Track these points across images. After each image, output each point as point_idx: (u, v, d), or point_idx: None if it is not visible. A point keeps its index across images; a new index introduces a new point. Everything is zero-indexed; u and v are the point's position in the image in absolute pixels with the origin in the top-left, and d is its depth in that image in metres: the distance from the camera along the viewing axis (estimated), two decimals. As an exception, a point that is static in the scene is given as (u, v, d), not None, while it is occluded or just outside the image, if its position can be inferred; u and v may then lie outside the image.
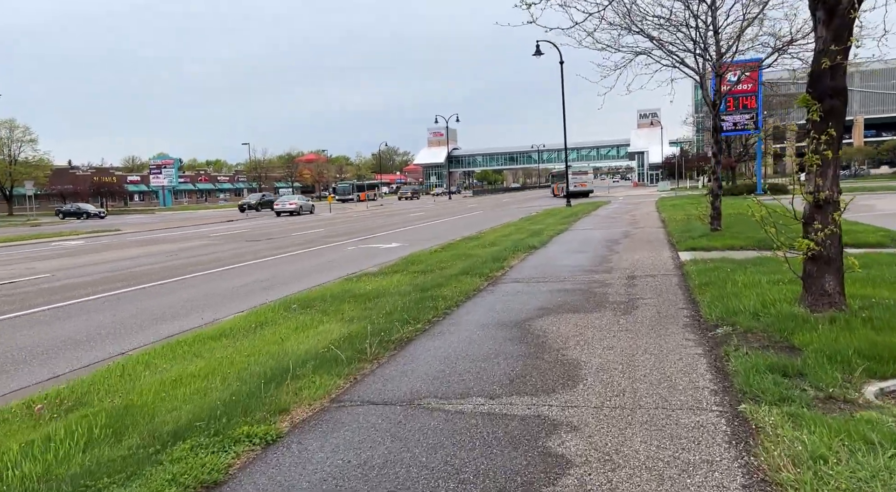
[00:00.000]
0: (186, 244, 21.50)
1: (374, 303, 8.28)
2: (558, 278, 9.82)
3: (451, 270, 10.96)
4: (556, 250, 13.77)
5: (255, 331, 7.10)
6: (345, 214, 44.05)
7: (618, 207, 32.77)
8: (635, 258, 11.66)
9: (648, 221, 21.49)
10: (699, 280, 8.29)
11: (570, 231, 18.90)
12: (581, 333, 6.25)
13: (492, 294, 8.79)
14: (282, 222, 36.12)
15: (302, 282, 11.71)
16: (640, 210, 28.72)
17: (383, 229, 25.62)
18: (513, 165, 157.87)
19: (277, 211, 50.94)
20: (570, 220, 23.29)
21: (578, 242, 15.24)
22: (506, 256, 12.72)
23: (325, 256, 16.34)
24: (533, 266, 11.41)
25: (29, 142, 69.91)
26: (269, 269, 13.92)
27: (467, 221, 29.72)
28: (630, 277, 9.48)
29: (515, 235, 18.13)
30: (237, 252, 17.96)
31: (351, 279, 10.85)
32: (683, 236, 14.01)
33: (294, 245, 19.64)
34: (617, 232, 17.61)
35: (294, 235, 24.53)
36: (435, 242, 18.17)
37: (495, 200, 62.75)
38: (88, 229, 33.06)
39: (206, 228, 32.14)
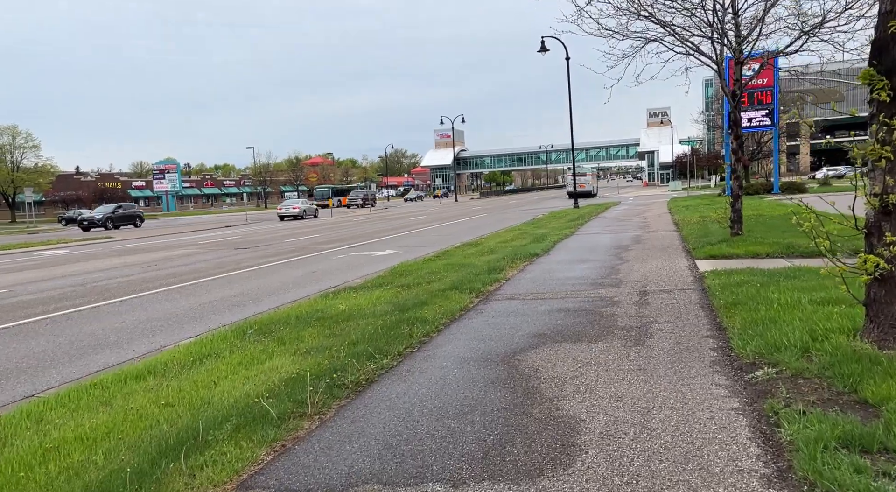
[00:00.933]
0: (171, 253, 20.40)
1: (343, 328, 7.08)
2: (559, 294, 8.57)
3: (439, 284, 9.74)
4: (560, 259, 12.51)
5: (191, 367, 5.91)
6: (346, 219, 42.98)
7: (627, 209, 31.43)
8: (647, 269, 10.39)
9: (660, 223, 20.17)
10: (724, 298, 7.02)
11: (576, 236, 17.62)
12: (582, 373, 5.01)
13: (480, 315, 7.55)
14: (281, 228, 35.04)
15: (276, 298, 10.53)
16: (652, 212, 27.38)
17: (381, 235, 24.43)
18: (521, 166, 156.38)
19: (281, 215, 49.98)
20: (577, 223, 22.00)
21: (584, 249, 13.97)
22: (503, 267, 11.49)
23: (312, 265, 15.16)
24: (532, 279, 10.16)
25: (31, 148, 69.47)
26: (247, 282, 12.74)
27: (470, 225, 28.48)
28: (641, 293, 8.22)
29: (517, 240, 16.88)
30: (220, 262, 16.82)
31: (328, 295, 9.65)
32: (700, 242, 12.71)
33: (283, 253, 18.49)
34: (626, 237, 16.31)
35: (287, 241, 23.39)
36: (431, 249, 16.98)
37: (502, 202, 61.48)
38: (79, 237, 32.12)
39: (201, 235, 31.08)
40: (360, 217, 44.22)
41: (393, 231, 26.38)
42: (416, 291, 9.30)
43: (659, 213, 25.86)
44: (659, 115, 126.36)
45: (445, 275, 10.94)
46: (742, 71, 11.64)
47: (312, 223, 38.74)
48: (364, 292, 9.62)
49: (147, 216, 75.05)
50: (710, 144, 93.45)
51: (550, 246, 14.90)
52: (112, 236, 31.32)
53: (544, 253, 13.61)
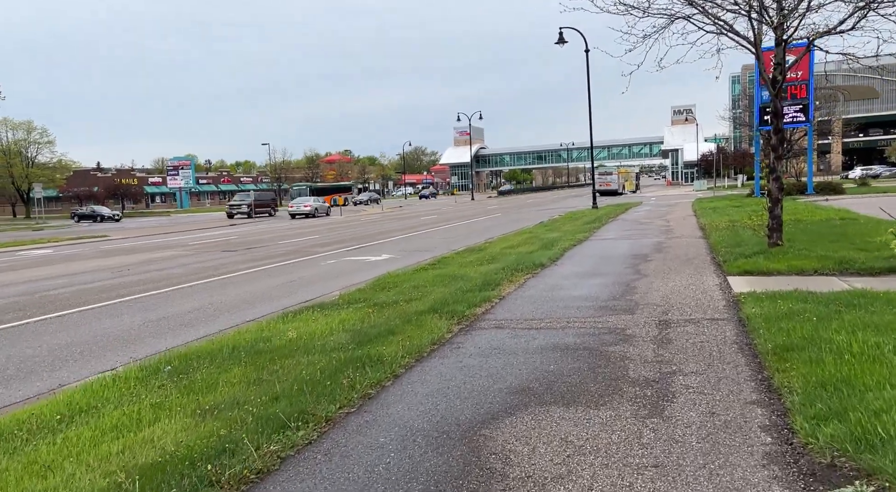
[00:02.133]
0: (154, 255, 19.08)
1: (277, 369, 5.54)
2: (559, 322, 6.94)
3: (419, 304, 8.17)
4: (567, 272, 10.85)
5: (47, 433, 4.41)
6: (354, 219, 41.63)
7: (649, 211, 29.55)
8: (669, 287, 8.69)
9: (685, 228, 18.35)
10: (772, 339, 5.33)
11: (591, 241, 15.90)
12: (571, 469, 3.40)
13: (455, 354, 5.95)
14: (285, 227, 33.72)
15: (233, 316, 9.05)
16: (675, 214, 25.49)
17: (384, 236, 22.92)
18: (541, 164, 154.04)
19: (292, 213, 48.87)
20: (593, 226, 20.26)
21: (597, 259, 12.28)
22: (500, 281, 9.88)
23: (296, 272, 13.68)
24: (530, 298, 8.53)
25: (46, 144, 69.20)
26: (214, 293, 11.28)
27: (481, 226, 26.85)
28: (661, 324, 6.55)
29: (524, 246, 15.23)
30: (200, 267, 15.42)
31: (286, 316, 8.12)
32: (732, 253, 10.96)
33: (272, 257, 17.05)
34: (647, 243, 14.57)
35: (282, 243, 21.98)
36: (430, 255, 15.45)
37: (519, 201, 59.69)
38: (76, 235, 31.09)
39: (199, 234, 29.85)
40: (371, 216, 42.81)
41: (399, 232, 24.86)
42: (388, 314, 7.73)
43: (683, 215, 23.98)
44: (683, 113, 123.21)
45: (431, 290, 9.37)
46: (784, 53, 9.86)
47: (320, 222, 37.43)
48: (330, 313, 8.08)
49: (160, 213, 74.57)
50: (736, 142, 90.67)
51: (559, 254, 13.23)
52: (108, 235, 30.23)
53: (551, 263, 11.95)
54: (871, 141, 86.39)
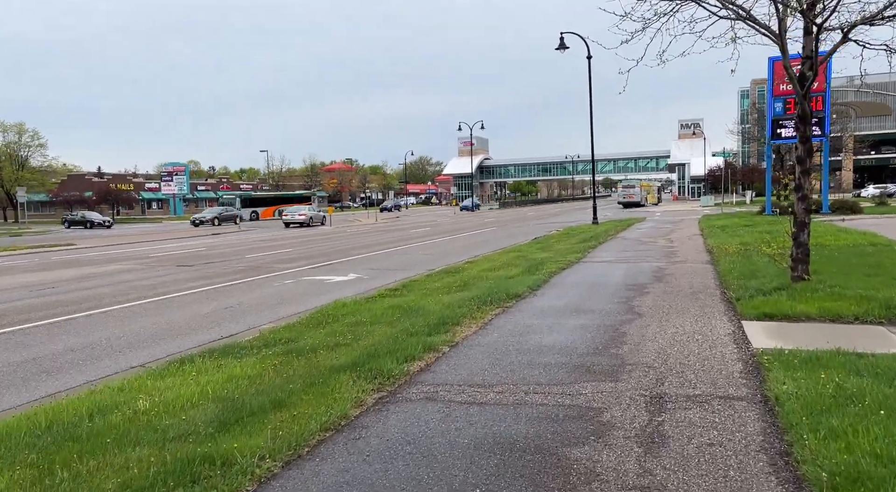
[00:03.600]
0: (102, 269, 17.25)
1: (64, 477, 3.67)
2: (514, 392, 5.04)
3: (345, 353, 6.33)
4: (546, 306, 8.93)
5: None
6: (341, 231, 39.88)
7: (652, 228, 27.60)
8: (668, 335, 6.78)
9: (690, 250, 16.41)
10: (824, 455, 3.42)
11: (583, 264, 13.99)
12: None
13: (349, 450, 4.05)
14: (267, 238, 31.91)
15: (118, 358, 7.23)
16: (681, 232, 23.53)
17: (363, 251, 21.06)
18: (546, 176, 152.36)
19: (286, 222, 47.25)
20: (589, 246, 18.34)
21: (585, 289, 10.36)
22: (461, 318, 8.02)
23: (240, 295, 11.82)
24: (488, 348, 6.62)
25: (38, 147, 67.80)
26: (125, 322, 9.43)
27: (470, 241, 24.97)
28: (654, 403, 4.65)
29: (507, 268, 13.35)
30: (139, 285, 13.59)
31: (170, 366, 6.27)
32: (746, 287, 9.04)
33: (225, 275, 15.22)
34: (645, 269, 12.65)
35: (249, 256, 20.14)
36: (402, 275, 13.67)
37: (520, 214, 57.82)
38: (41, 243, 29.30)
39: (172, 244, 28.07)
40: (361, 227, 41.02)
41: (380, 246, 23.01)
42: (296, 368, 5.86)
43: (689, 234, 22.02)
44: (691, 127, 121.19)
45: (372, 330, 7.51)
46: (816, 44, 7.98)
47: (307, 233, 35.65)
48: (225, 363, 6.23)
49: (153, 219, 72.92)
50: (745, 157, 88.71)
51: (543, 280, 11.33)
52: (75, 244, 28.46)
53: (530, 293, 10.04)
54: (884, 159, 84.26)
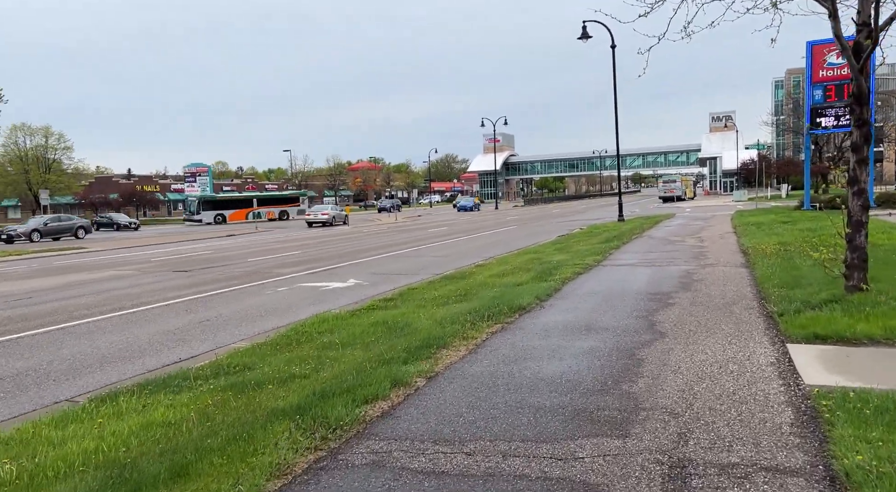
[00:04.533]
0: (96, 275, 16.46)
1: None
2: (488, 454, 3.85)
3: (296, 389, 5.24)
4: (552, 322, 7.69)
5: None
6: (358, 230, 38.99)
7: (682, 225, 26.02)
8: (695, 365, 5.51)
9: (723, 251, 14.96)
10: None
11: (602, 268, 12.68)
12: None
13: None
14: (279, 239, 31.10)
15: (30, 395, 6.20)
16: (712, 230, 21.96)
17: (372, 253, 20.00)
18: (573, 172, 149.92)
19: (309, 221, 46.77)
20: (611, 246, 16.97)
21: (600, 300, 9.07)
22: (451, 338, 6.87)
23: (222, 306, 10.83)
24: (472, 382, 5.42)
25: (64, 149, 68.25)
26: (80, 340, 8.47)
27: (487, 241, 23.75)
28: (674, 474, 3.42)
29: (517, 273, 12.13)
30: (123, 293, 12.70)
31: (86, 407, 5.24)
32: (790, 298, 7.68)
33: (220, 281, 14.29)
34: (672, 274, 11.30)
35: (252, 260, 19.22)
36: (405, 282, 12.64)
37: (544, 211, 56.29)
38: (58, 247, 28.86)
39: (180, 246, 27.38)
40: (379, 227, 40.07)
41: (392, 247, 21.92)
42: (230, 411, 4.78)
43: (721, 232, 20.45)
44: (723, 119, 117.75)
45: (343, 354, 6.41)
46: (877, 8, 6.58)
47: (322, 234, 34.79)
48: (151, 402, 5.19)
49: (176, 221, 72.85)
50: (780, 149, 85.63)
51: (554, 288, 10.08)
52: (87, 247, 27.98)
53: (537, 304, 8.81)
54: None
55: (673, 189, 67.69)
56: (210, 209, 58.35)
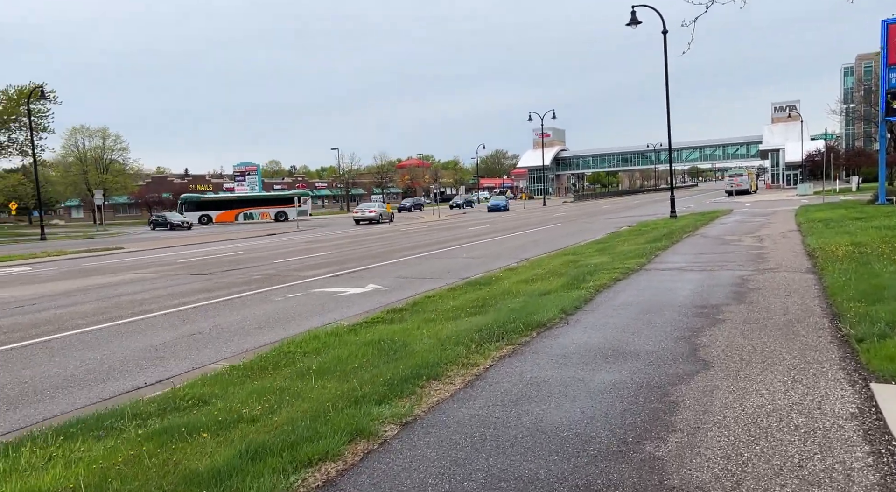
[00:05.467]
0: (113, 279, 16.01)
1: None
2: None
3: (229, 445, 4.21)
4: (574, 345, 6.45)
5: None
6: (398, 228, 38.22)
7: (739, 222, 24.08)
8: (745, 417, 4.21)
9: (785, 252, 13.31)
10: None
11: (644, 273, 11.29)
12: None
13: None
14: (317, 238, 30.55)
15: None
16: (772, 228, 20.07)
17: (403, 253, 19.03)
18: (627, 167, 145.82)
19: (356, 219, 47.16)
20: (659, 246, 15.47)
21: (633, 315, 7.76)
22: (450, 362, 5.84)
23: (224, 315, 10.03)
24: (454, 433, 4.28)
25: (120, 150, 70.11)
26: (43, 359, 7.73)
27: (525, 240, 22.46)
28: None
29: (547, 279, 10.89)
30: (127, 300, 12.07)
31: None
32: (872, 317, 6.23)
33: (239, 284, 13.58)
34: (724, 282, 9.85)
35: (278, 262, 18.51)
36: (426, 287, 11.79)
37: (594, 207, 54.33)
38: (99, 247, 28.98)
39: (215, 247, 27.07)
40: (420, 225, 39.22)
41: (426, 247, 20.91)
42: (137, 477, 3.78)
43: (783, 231, 18.59)
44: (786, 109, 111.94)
45: (312, 387, 5.42)
46: None
47: (360, 233, 34.17)
48: (60, 451, 4.26)
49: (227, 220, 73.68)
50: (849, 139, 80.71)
51: (586, 298, 8.82)
52: (123, 247, 27.98)
53: (561, 320, 7.59)
54: None
55: (740, 182, 67.38)
56: (194, 210, 58.54)
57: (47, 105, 45.06)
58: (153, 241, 34.43)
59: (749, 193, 66.29)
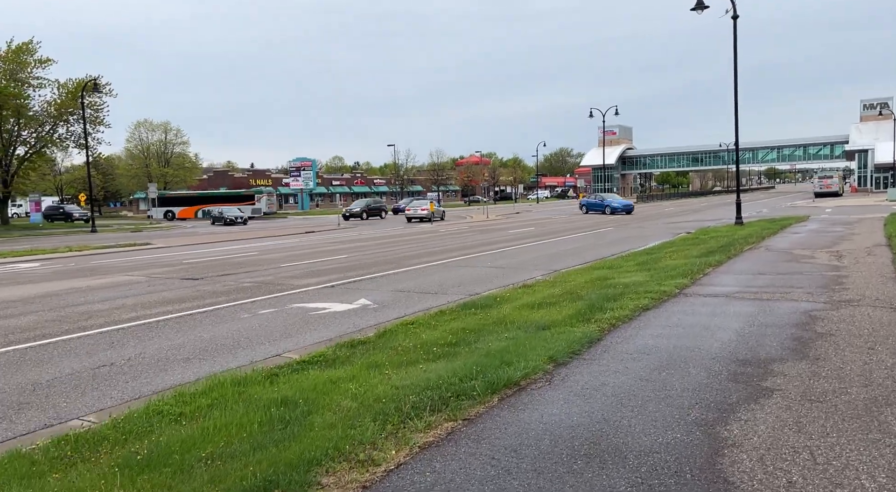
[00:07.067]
0: (105, 280, 14.86)
1: None
2: None
3: None
4: (536, 430, 4.42)
5: None
6: (437, 229, 36.56)
7: (815, 231, 21.05)
8: None
9: (869, 276, 10.70)
10: None
11: (680, 300, 9.04)
12: None
13: None
14: (352, 238, 29.18)
15: None
16: (855, 241, 17.13)
17: (424, 259, 17.23)
18: (697, 167, 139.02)
19: (408, 216, 46.76)
20: (712, 260, 13.04)
21: (644, 374, 5.62)
22: (340, 457, 3.96)
23: (168, 337, 8.51)
24: None
25: (181, 144, 71.31)
26: None
27: (565, 247, 20.25)
28: None
29: (558, 305, 8.83)
30: (94, 309, 10.77)
31: None
32: None
33: (221, 294, 12.14)
34: (781, 320, 7.53)
35: (285, 265, 17.02)
36: (425, 304, 10.26)
37: (656, 210, 51.05)
38: (127, 242, 28.35)
39: (239, 245, 26.00)
40: (462, 226, 37.38)
41: (453, 252, 19.03)
42: None
43: (868, 245, 15.67)
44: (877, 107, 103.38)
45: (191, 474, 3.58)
46: None
47: (393, 234, 32.64)
48: None
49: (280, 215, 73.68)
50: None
51: (590, 340, 6.74)
52: (151, 242, 27.32)
53: (542, 376, 5.56)
54: None
55: (830, 184, 64.82)
56: (161, 206, 59.41)
57: (103, 98, 45.61)
58: (193, 236, 33.90)
59: (839, 195, 63.66)
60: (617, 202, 45.87)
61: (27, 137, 46.37)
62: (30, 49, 43.58)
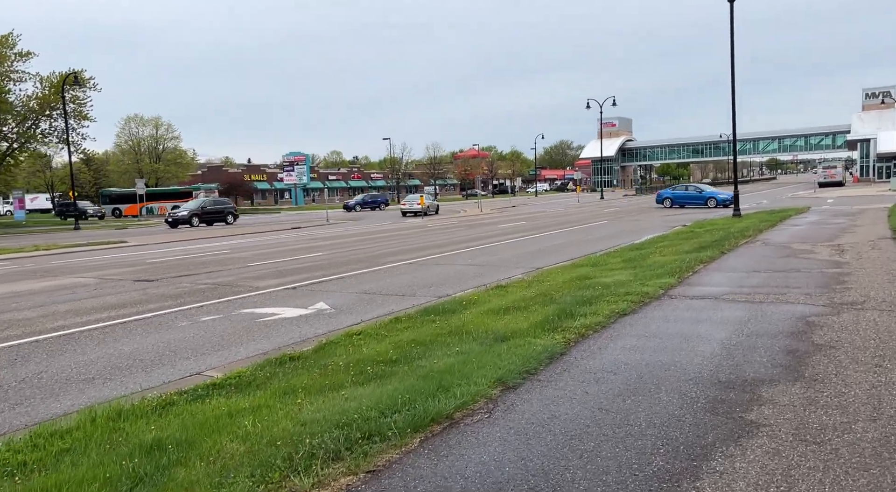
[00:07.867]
0: (48, 283, 13.90)
1: None
2: None
3: None
4: (458, 485, 3.48)
5: None
6: (427, 224, 35.59)
7: (815, 223, 20.05)
8: None
9: (874, 273, 9.72)
10: None
11: (664, 302, 8.07)
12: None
13: None
14: (322, 235, 28.24)
15: None
16: (858, 234, 16.14)
17: (400, 257, 16.28)
18: (698, 158, 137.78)
19: (404, 211, 46.72)
20: (704, 256, 12.07)
21: (610, 398, 4.67)
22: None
23: (72, 355, 7.56)
24: None
25: (172, 139, 70.25)
26: None
27: (552, 242, 19.29)
28: None
29: (528, 310, 7.89)
30: (10, 318, 9.83)
31: None
32: None
33: (170, 298, 11.20)
34: (775, 328, 6.57)
35: (253, 265, 16.05)
36: (389, 308, 9.41)
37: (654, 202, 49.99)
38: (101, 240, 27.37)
39: (214, 243, 25.04)
40: (451, 221, 36.46)
41: (432, 249, 18.08)
42: None
43: (872, 238, 14.68)
44: (879, 96, 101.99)
45: None
46: None
47: (379, 229, 31.69)
48: None
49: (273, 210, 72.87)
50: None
51: (553, 354, 5.79)
52: (126, 241, 26.33)
53: (482, 406, 4.61)
54: None
55: (834, 174, 64.25)
56: (109, 203, 59.84)
57: (87, 92, 44.59)
58: (168, 233, 32.90)
59: (842, 185, 62.99)
60: (723, 194, 37.03)
61: (7, 133, 45.32)
62: (9, 42, 42.56)
